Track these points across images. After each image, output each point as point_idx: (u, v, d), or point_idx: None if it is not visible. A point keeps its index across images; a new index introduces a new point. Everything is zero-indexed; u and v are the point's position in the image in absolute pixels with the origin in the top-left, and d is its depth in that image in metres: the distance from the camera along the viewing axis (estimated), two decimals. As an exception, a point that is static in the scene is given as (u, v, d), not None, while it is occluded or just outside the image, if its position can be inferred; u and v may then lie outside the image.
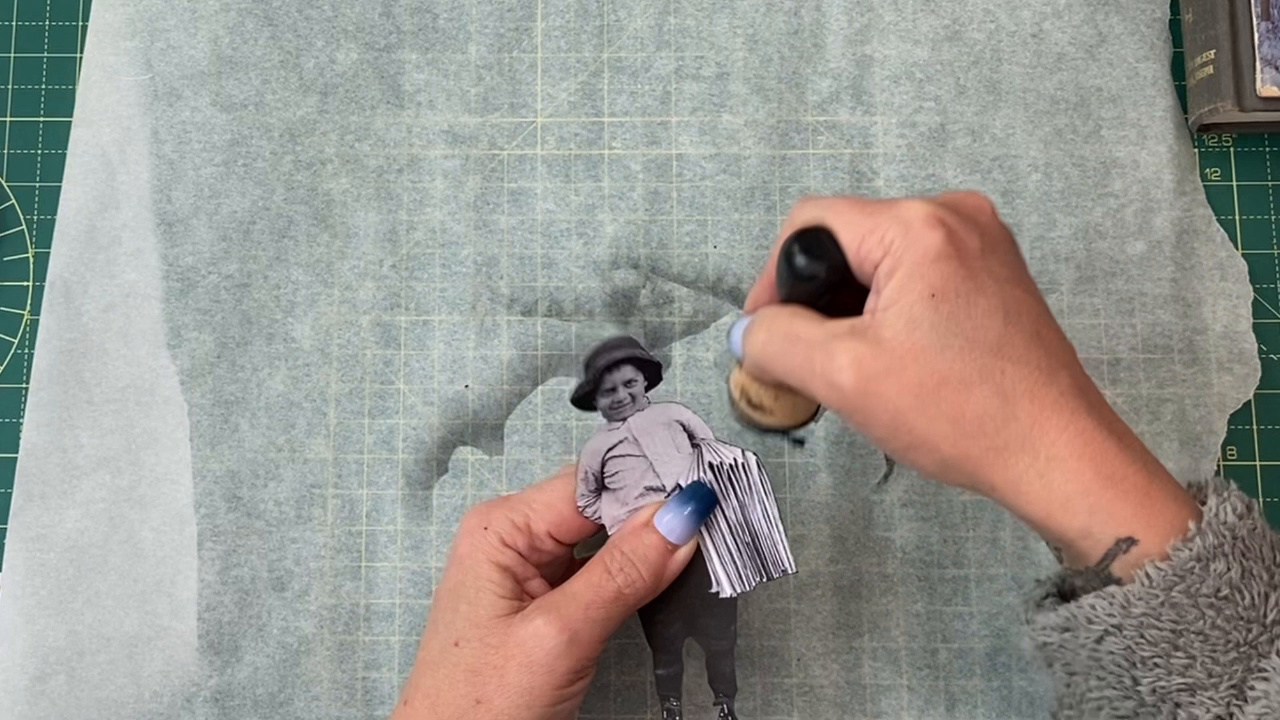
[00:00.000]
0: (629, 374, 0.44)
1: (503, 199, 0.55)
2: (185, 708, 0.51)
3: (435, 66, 0.56)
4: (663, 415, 0.44)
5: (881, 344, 0.36)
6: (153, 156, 0.55)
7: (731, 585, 0.43)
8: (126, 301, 0.54)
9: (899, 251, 0.36)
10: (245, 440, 0.53)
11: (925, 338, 0.35)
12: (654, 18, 0.56)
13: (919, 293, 0.36)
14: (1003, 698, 0.50)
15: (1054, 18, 0.56)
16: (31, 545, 0.52)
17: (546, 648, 0.40)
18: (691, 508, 0.42)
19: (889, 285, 0.36)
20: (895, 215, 0.37)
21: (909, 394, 0.35)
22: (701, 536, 0.43)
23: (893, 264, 0.36)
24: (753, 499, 0.43)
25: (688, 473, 0.43)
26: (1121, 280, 0.53)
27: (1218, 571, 0.34)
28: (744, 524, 0.43)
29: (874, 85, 0.55)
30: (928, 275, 0.36)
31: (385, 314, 0.54)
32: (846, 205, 0.38)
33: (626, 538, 0.42)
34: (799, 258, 0.38)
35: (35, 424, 0.53)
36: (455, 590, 0.42)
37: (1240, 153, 0.55)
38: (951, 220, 0.37)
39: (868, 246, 0.37)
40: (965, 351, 0.35)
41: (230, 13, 0.56)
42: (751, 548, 0.43)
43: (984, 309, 0.36)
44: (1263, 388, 0.53)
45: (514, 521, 0.43)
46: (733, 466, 0.43)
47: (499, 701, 0.40)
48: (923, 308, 0.35)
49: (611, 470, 0.44)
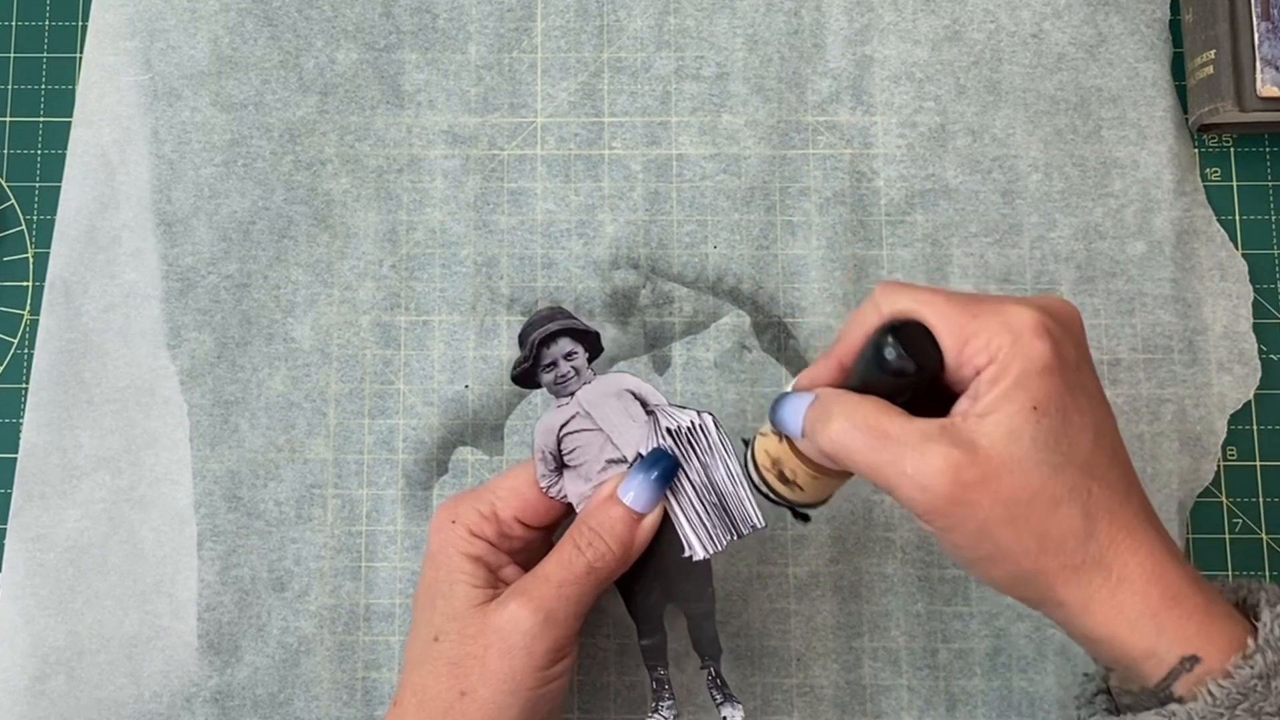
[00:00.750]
0: (567, 346, 0.44)
1: (503, 199, 0.55)
2: (185, 708, 0.51)
3: (435, 66, 0.56)
4: (612, 386, 0.44)
5: (978, 452, 0.35)
6: (153, 156, 0.55)
7: (704, 547, 0.43)
8: (126, 301, 0.54)
9: (1006, 360, 0.35)
10: (245, 440, 0.53)
11: (1023, 451, 0.35)
12: (654, 18, 0.56)
13: (1021, 404, 0.35)
14: (1003, 698, 0.50)
15: (1054, 18, 0.56)
16: (31, 545, 0.52)
17: (523, 630, 0.40)
18: (653, 475, 0.42)
19: (992, 393, 0.35)
20: (1003, 321, 0.36)
21: (1000, 506, 0.35)
22: (668, 502, 0.43)
23: (998, 372, 0.35)
24: (714, 459, 0.43)
25: (646, 440, 0.43)
26: (1121, 280, 0.53)
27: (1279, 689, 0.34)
28: (709, 485, 0.43)
29: (874, 85, 0.55)
30: (1032, 388, 0.35)
31: (385, 314, 0.54)
32: (945, 302, 0.37)
33: (593, 512, 0.42)
34: (895, 354, 0.36)
35: (35, 424, 0.53)
36: (431, 587, 0.43)
37: (1240, 153, 0.55)
38: (1056, 330, 0.36)
39: (972, 350, 0.36)
40: (1060, 468, 0.35)
41: (230, 13, 0.56)
42: (719, 508, 0.43)
43: (1079, 425, 0.35)
44: (1263, 388, 0.53)
45: (480, 512, 0.43)
46: (690, 429, 0.43)
47: (483, 691, 0.40)
48: (1024, 420, 0.35)
49: (569, 447, 0.44)
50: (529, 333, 0.44)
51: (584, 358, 0.44)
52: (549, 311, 0.44)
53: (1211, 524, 0.52)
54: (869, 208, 0.54)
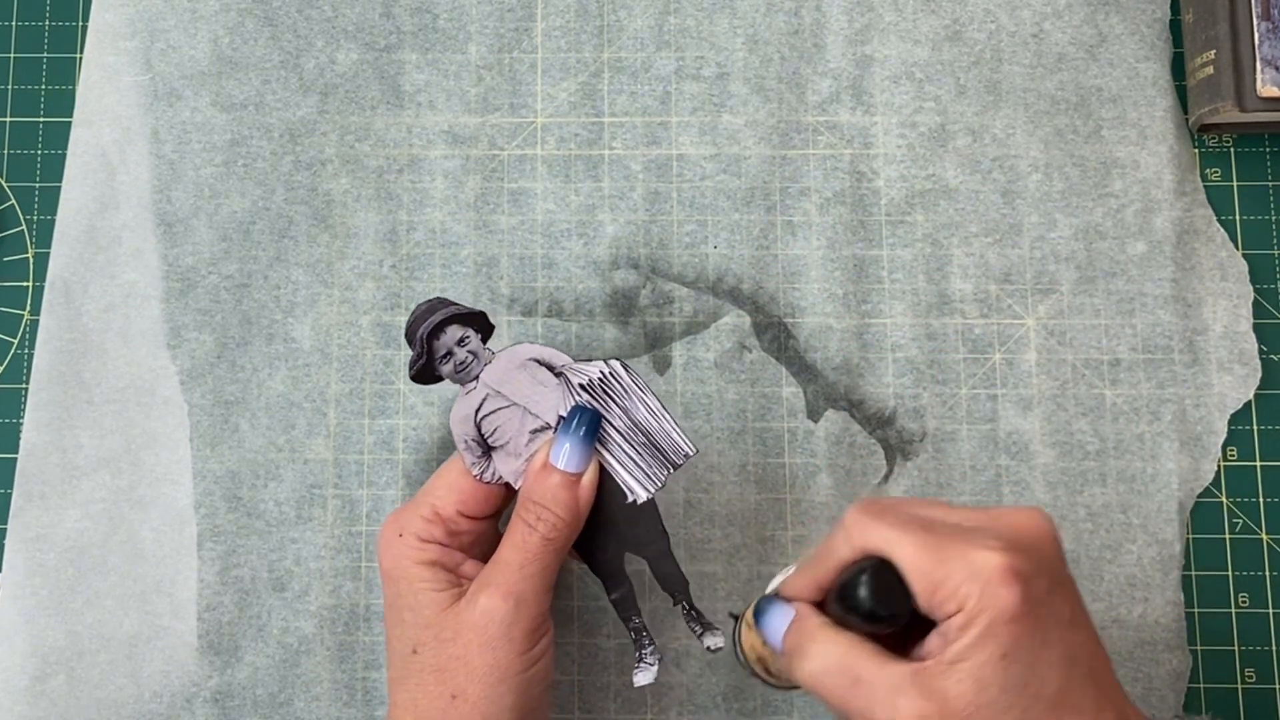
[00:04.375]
0: (457, 333, 0.44)
1: (503, 199, 0.55)
2: (185, 708, 0.51)
3: (435, 67, 0.56)
4: (514, 358, 0.44)
5: (947, 703, 0.35)
6: (153, 156, 0.55)
7: (643, 487, 0.43)
8: (126, 301, 0.54)
9: (974, 610, 0.35)
10: (245, 440, 0.53)
11: (991, 698, 0.35)
12: (654, 18, 0.56)
13: (991, 653, 0.35)
14: (1003, 698, 0.50)
15: (1054, 18, 0.56)
16: (31, 545, 0.52)
17: (498, 620, 0.41)
18: (580, 433, 0.42)
19: (961, 641, 0.35)
20: (969, 568, 0.36)
21: None
22: (600, 455, 0.43)
23: (966, 620, 0.35)
24: (633, 400, 0.43)
25: (563, 402, 0.43)
26: (1122, 280, 0.53)
27: None
28: (634, 427, 0.43)
29: (874, 85, 0.55)
30: (1001, 637, 0.35)
31: (385, 314, 0.54)
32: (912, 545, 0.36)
33: (532, 486, 0.42)
34: (868, 601, 0.36)
35: (35, 424, 0.53)
36: (395, 604, 0.43)
37: (1240, 153, 0.55)
38: (1025, 568, 0.36)
39: (940, 598, 0.36)
40: (1027, 710, 0.35)
41: (230, 13, 0.56)
42: (649, 446, 0.43)
43: (1048, 661, 0.36)
44: (1263, 388, 0.53)
45: (423, 516, 0.43)
46: (603, 377, 0.43)
47: (473, 689, 0.41)
48: (993, 670, 0.35)
49: (489, 428, 0.43)
50: (414, 329, 0.44)
51: (477, 339, 0.44)
52: (429, 304, 0.44)
53: (1211, 524, 0.52)
54: (869, 208, 0.54)
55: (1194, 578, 0.51)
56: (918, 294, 0.53)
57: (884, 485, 0.52)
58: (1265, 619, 0.51)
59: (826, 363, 0.53)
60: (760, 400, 0.53)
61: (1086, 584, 0.51)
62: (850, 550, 0.38)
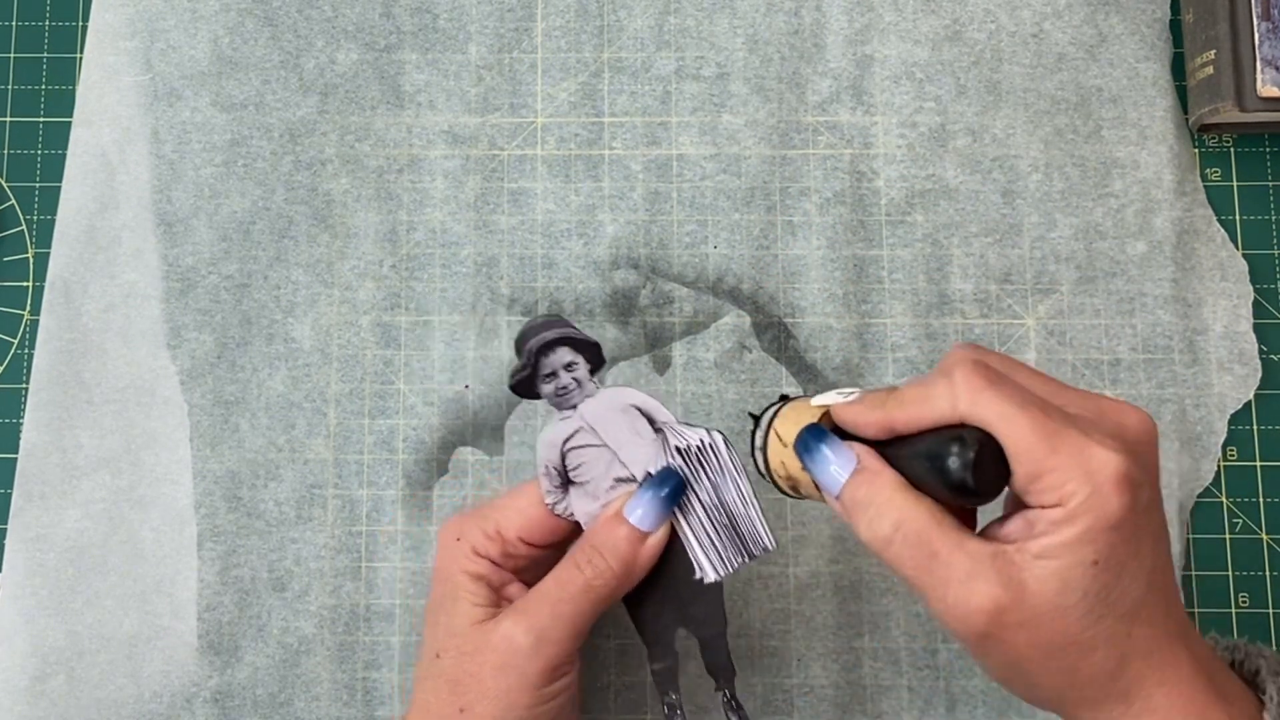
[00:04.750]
0: (567, 356, 0.43)
1: (503, 199, 0.55)
2: (185, 708, 0.51)
3: (435, 66, 0.56)
4: (616, 400, 0.43)
5: (1025, 594, 0.34)
6: (153, 156, 0.55)
7: (714, 569, 0.41)
8: (126, 301, 0.54)
9: (1077, 509, 0.33)
10: (245, 440, 0.53)
11: (1073, 602, 0.34)
12: (654, 18, 0.56)
13: (1082, 557, 0.33)
14: (1003, 698, 0.50)
15: (1054, 18, 0.56)
16: (31, 545, 0.52)
17: (516, 649, 0.40)
18: (662, 493, 0.41)
19: (1053, 537, 0.34)
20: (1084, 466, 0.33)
21: (1036, 648, 0.34)
22: (678, 522, 0.42)
23: (1065, 516, 0.33)
24: (725, 478, 0.42)
25: (655, 459, 0.42)
26: (1122, 280, 0.53)
27: None
28: (719, 505, 0.42)
29: (874, 85, 0.55)
30: (1098, 543, 0.33)
31: (385, 314, 0.54)
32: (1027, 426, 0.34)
33: (596, 530, 0.42)
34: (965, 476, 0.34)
35: (35, 424, 0.53)
36: (437, 604, 0.43)
37: (1240, 153, 0.55)
38: (1137, 476, 0.34)
39: (1041, 486, 0.34)
40: (1103, 618, 0.34)
41: (230, 13, 0.56)
42: (730, 529, 0.42)
43: (1133, 573, 0.34)
44: (1263, 388, 0.53)
45: (485, 530, 0.43)
46: (700, 448, 0.42)
47: (480, 708, 0.40)
48: (1082, 574, 0.34)
49: (574, 463, 0.42)
50: (525, 340, 0.43)
51: (585, 369, 0.43)
52: (545, 319, 0.43)
53: (1211, 524, 0.52)
54: (869, 208, 0.54)
55: (1194, 578, 0.51)
56: (918, 294, 0.53)
57: (884, 485, 0.52)
58: (1265, 619, 0.51)
59: (826, 363, 0.53)
60: (760, 400, 0.53)
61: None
62: (953, 411, 0.35)
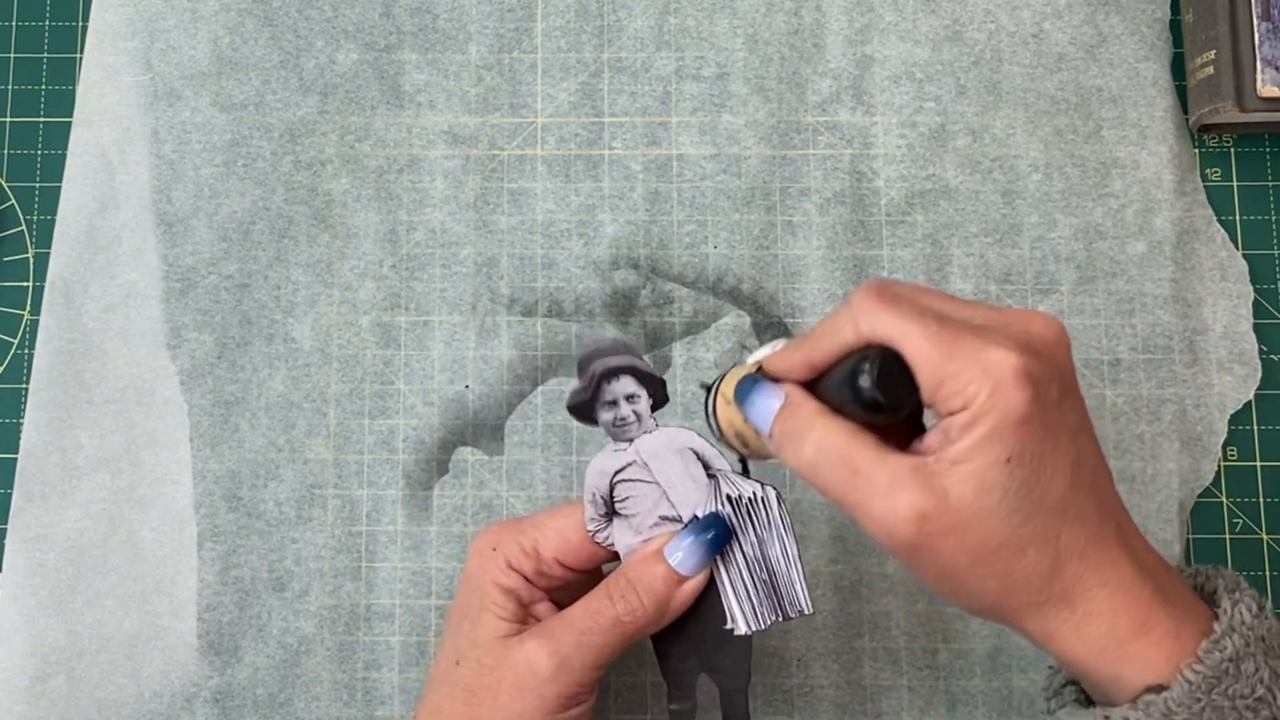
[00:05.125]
0: (630, 387, 0.43)
1: (503, 199, 0.55)
2: (185, 708, 0.51)
3: (435, 67, 0.56)
4: (673, 440, 0.42)
5: (948, 501, 0.34)
6: (153, 156, 0.55)
7: (746, 623, 0.41)
8: (126, 301, 0.54)
9: (981, 409, 0.34)
10: (245, 440, 0.53)
11: (994, 503, 0.34)
12: (654, 18, 0.56)
13: (996, 456, 0.34)
14: (1003, 698, 0.50)
15: (1054, 18, 0.56)
16: (31, 545, 0.52)
17: (535, 671, 0.40)
18: (706, 538, 0.41)
19: (964, 440, 0.34)
20: (981, 366, 0.34)
21: (965, 554, 0.34)
22: (717, 571, 0.41)
23: (971, 419, 0.34)
24: (772, 535, 0.41)
25: (705, 504, 0.42)
26: (1122, 280, 0.53)
27: (1248, 672, 0.34)
28: (761, 561, 0.41)
29: (874, 85, 0.55)
30: (1008, 439, 0.34)
31: (385, 314, 0.54)
32: (923, 339, 0.34)
33: (634, 565, 0.41)
34: (872, 391, 0.35)
35: (35, 424, 0.53)
36: (462, 609, 0.42)
37: (1240, 153, 0.55)
38: (1038, 372, 0.34)
39: (946, 393, 0.34)
40: (1030, 517, 0.34)
41: (230, 13, 0.56)
42: (769, 586, 0.41)
43: (1054, 468, 0.35)
44: (1263, 388, 0.53)
45: (522, 545, 0.42)
46: (751, 500, 0.41)
47: None
48: (997, 473, 0.34)
49: (622, 495, 0.42)
50: (590, 361, 0.43)
51: (646, 403, 0.42)
52: (614, 344, 0.43)
53: (1211, 524, 0.52)
54: (869, 208, 0.54)
55: (1194, 578, 0.52)
56: (918, 294, 0.53)
57: (884, 485, 0.52)
58: (1265, 619, 0.51)
59: (826, 363, 0.53)
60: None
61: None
62: (855, 335, 0.36)
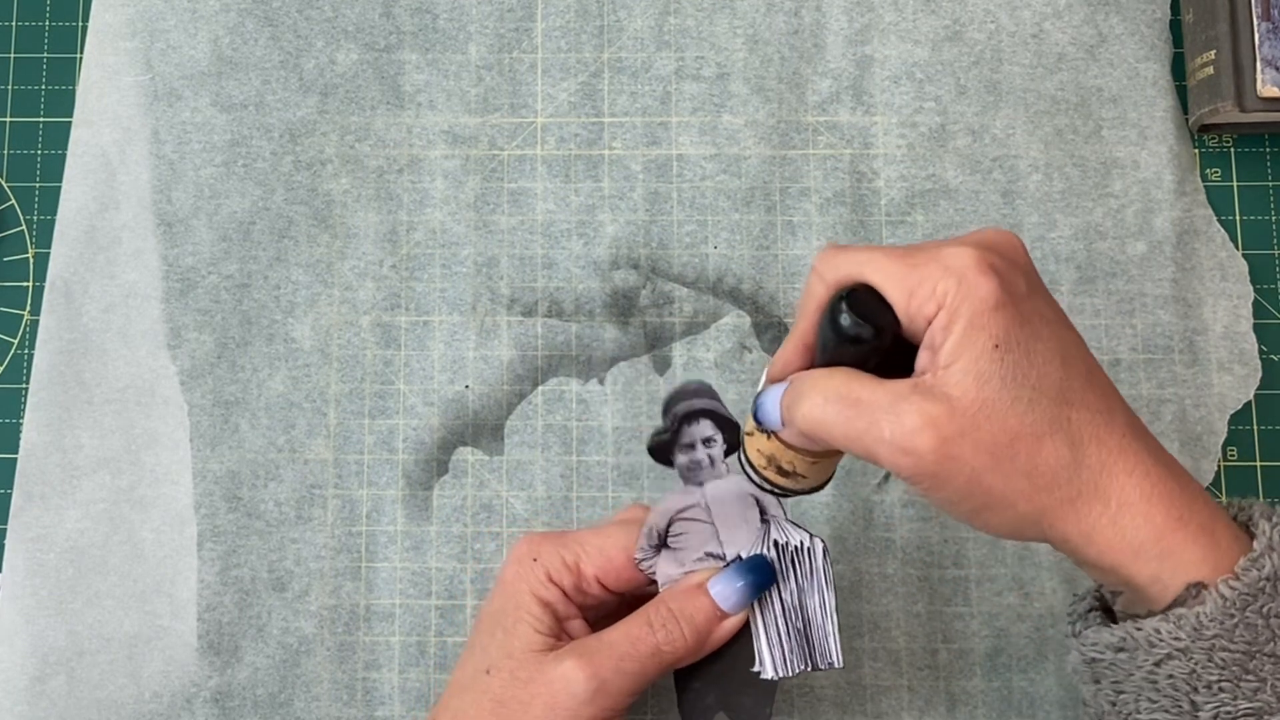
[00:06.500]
0: (708, 430, 0.43)
1: (503, 199, 0.55)
2: (185, 708, 0.51)
3: (435, 67, 0.56)
4: (738, 486, 0.43)
5: (952, 402, 0.34)
6: (153, 157, 0.55)
7: (774, 668, 0.41)
8: (126, 301, 0.54)
9: (954, 303, 0.34)
10: (245, 440, 0.53)
11: (995, 393, 0.34)
12: (654, 18, 0.56)
13: (982, 345, 0.34)
14: (1003, 698, 0.50)
15: (1054, 18, 0.56)
16: (31, 545, 0.52)
17: (572, 692, 0.39)
18: (749, 580, 0.41)
19: (949, 340, 0.35)
20: (943, 265, 0.35)
21: (985, 453, 0.34)
22: (753, 612, 0.42)
23: (948, 317, 0.35)
24: (812, 585, 0.42)
25: (752, 545, 0.42)
26: (1122, 280, 0.53)
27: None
28: (798, 608, 0.42)
29: (874, 85, 0.55)
30: (989, 326, 0.34)
31: (385, 314, 0.54)
32: (884, 257, 0.36)
33: (676, 595, 0.41)
34: (848, 321, 0.35)
35: (35, 424, 0.53)
36: (495, 616, 0.42)
37: (1240, 153, 0.55)
38: (1000, 264, 0.35)
39: (918, 300, 0.35)
40: (1034, 403, 0.34)
41: (230, 13, 0.56)
42: (802, 634, 0.42)
43: (1043, 354, 0.35)
44: (1263, 388, 0.53)
45: (564, 559, 0.42)
46: (798, 549, 0.42)
47: None
48: (989, 361, 0.34)
49: (677, 530, 0.42)
50: (674, 403, 0.43)
51: (721, 448, 0.43)
52: (697, 387, 0.43)
53: (1212, 524, 0.52)
54: (869, 208, 0.54)
55: (1194, 578, 0.51)
56: (918, 294, 0.53)
57: (884, 485, 0.52)
58: (1265, 619, 0.51)
59: (826, 363, 0.53)
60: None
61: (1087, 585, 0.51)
62: (824, 287, 0.37)
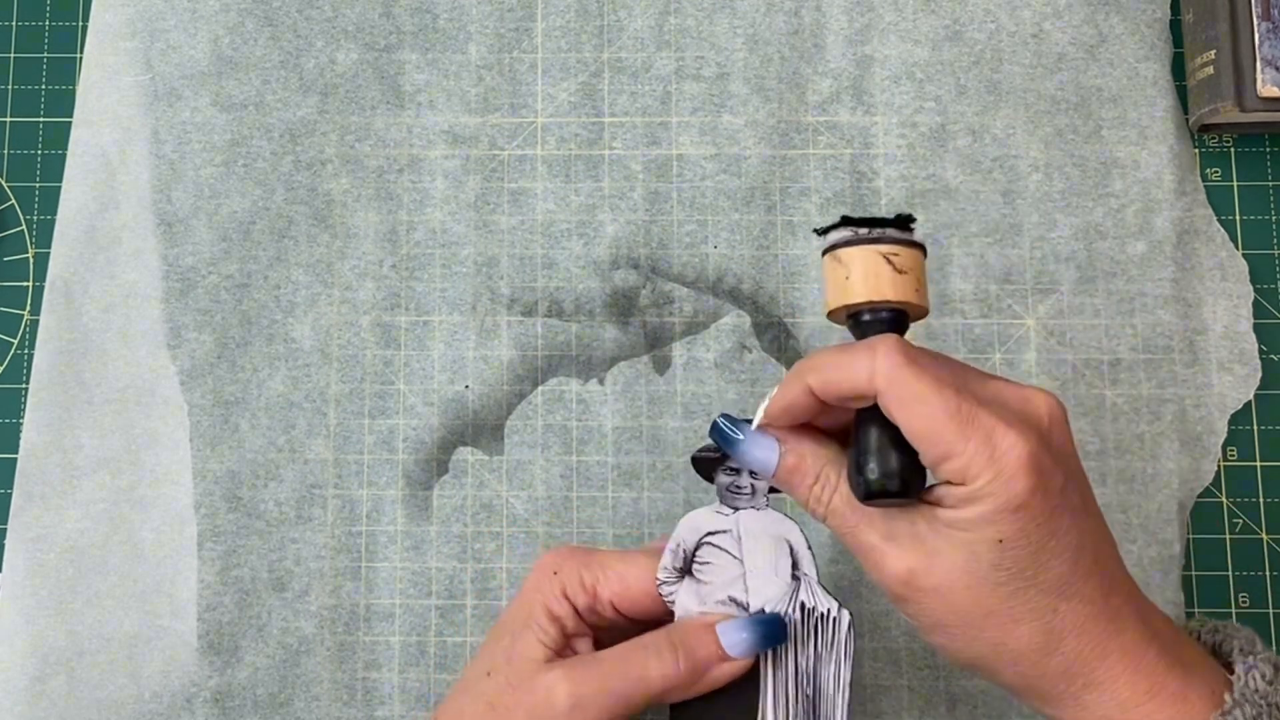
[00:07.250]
0: None
1: (503, 199, 0.55)
2: (185, 708, 0.51)
3: (435, 66, 0.56)
4: (775, 525, 0.42)
5: (936, 561, 0.35)
6: (153, 156, 0.55)
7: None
8: (126, 301, 0.54)
9: (981, 492, 0.35)
10: (245, 440, 0.53)
11: (982, 573, 0.35)
12: (654, 18, 0.56)
13: (987, 535, 0.35)
14: (1003, 698, 0.50)
15: (1054, 18, 0.56)
16: (31, 546, 0.52)
17: (551, 703, 0.39)
18: (759, 632, 0.41)
19: (960, 511, 0.35)
20: (988, 451, 0.34)
21: (954, 615, 0.36)
22: (764, 669, 0.41)
23: (969, 495, 0.35)
24: (831, 655, 0.41)
25: (777, 603, 0.41)
26: (1122, 280, 0.53)
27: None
28: (811, 676, 0.41)
29: (874, 85, 0.55)
30: (1002, 524, 0.35)
31: (385, 314, 0.54)
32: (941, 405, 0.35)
33: (684, 629, 0.41)
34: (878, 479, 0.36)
35: (35, 424, 0.53)
36: (507, 621, 0.42)
37: (1240, 153, 0.55)
38: (1045, 462, 0.35)
39: (949, 468, 0.35)
40: (1020, 592, 0.35)
41: (230, 13, 0.56)
42: (810, 702, 0.41)
43: (1054, 551, 0.35)
44: (1263, 388, 0.53)
45: (582, 579, 0.42)
46: (823, 616, 0.41)
47: None
48: (988, 548, 0.35)
49: (704, 558, 0.42)
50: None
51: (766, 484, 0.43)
52: None
53: (1211, 524, 0.52)
54: (869, 207, 0.54)
55: (1194, 578, 0.51)
56: (918, 294, 0.53)
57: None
58: (1265, 619, 0.51)
59: (826, 363, 0.53)
60: (760, 400, 0.52)
61: (1086, 584, 0.51)
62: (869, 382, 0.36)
